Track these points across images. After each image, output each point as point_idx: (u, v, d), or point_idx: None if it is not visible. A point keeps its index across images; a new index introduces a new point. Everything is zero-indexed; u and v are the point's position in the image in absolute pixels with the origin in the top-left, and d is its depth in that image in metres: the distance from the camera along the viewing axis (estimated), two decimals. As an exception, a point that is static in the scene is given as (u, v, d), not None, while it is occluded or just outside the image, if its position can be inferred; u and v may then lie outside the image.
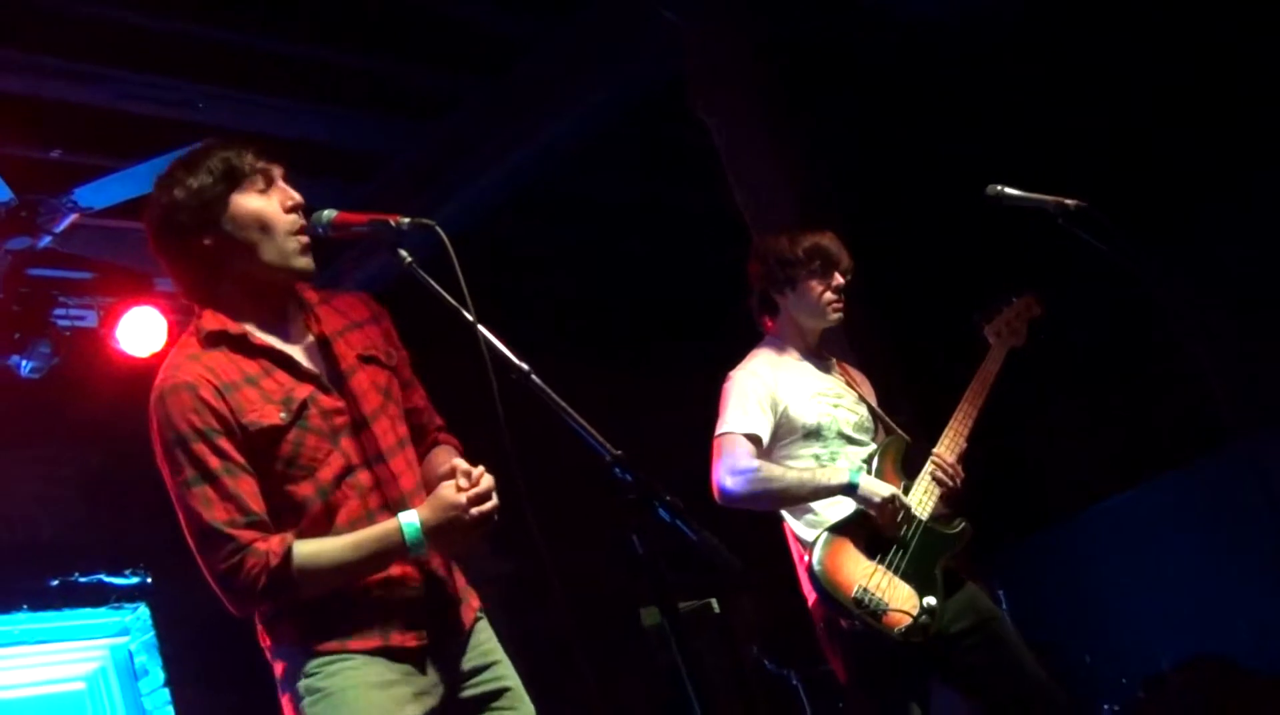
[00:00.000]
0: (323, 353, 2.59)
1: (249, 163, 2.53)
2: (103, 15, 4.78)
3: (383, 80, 5.71)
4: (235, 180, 2.51)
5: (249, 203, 2.51)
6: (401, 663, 2.48)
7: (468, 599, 2.65)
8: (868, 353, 4.50)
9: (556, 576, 2.30)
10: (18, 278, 5.25)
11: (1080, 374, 6.99)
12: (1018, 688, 3.49)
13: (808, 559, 3.50)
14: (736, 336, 3.99)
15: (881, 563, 3.47)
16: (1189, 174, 6.34)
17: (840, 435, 3.69)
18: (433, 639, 2.52)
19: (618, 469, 2.22)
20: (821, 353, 3.88)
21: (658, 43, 5.43)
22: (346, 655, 2.45)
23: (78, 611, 6.25)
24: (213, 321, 2.53)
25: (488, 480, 2.45)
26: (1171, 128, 6.30)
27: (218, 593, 2.42)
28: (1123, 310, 6.17)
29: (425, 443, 2.75)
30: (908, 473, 3.68)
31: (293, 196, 2.56)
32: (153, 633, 6.38)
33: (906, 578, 3.46)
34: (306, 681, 2.44)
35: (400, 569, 2.49)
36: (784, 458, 3.65)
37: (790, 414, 3.65)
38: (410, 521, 2.41)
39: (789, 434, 3.66)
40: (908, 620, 3.37)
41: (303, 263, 2.54)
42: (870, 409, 3.85)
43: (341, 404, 2.54)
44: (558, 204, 6.87)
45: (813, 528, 3.57)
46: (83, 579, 6.25)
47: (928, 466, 3.64)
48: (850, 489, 3.52)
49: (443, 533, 2.42)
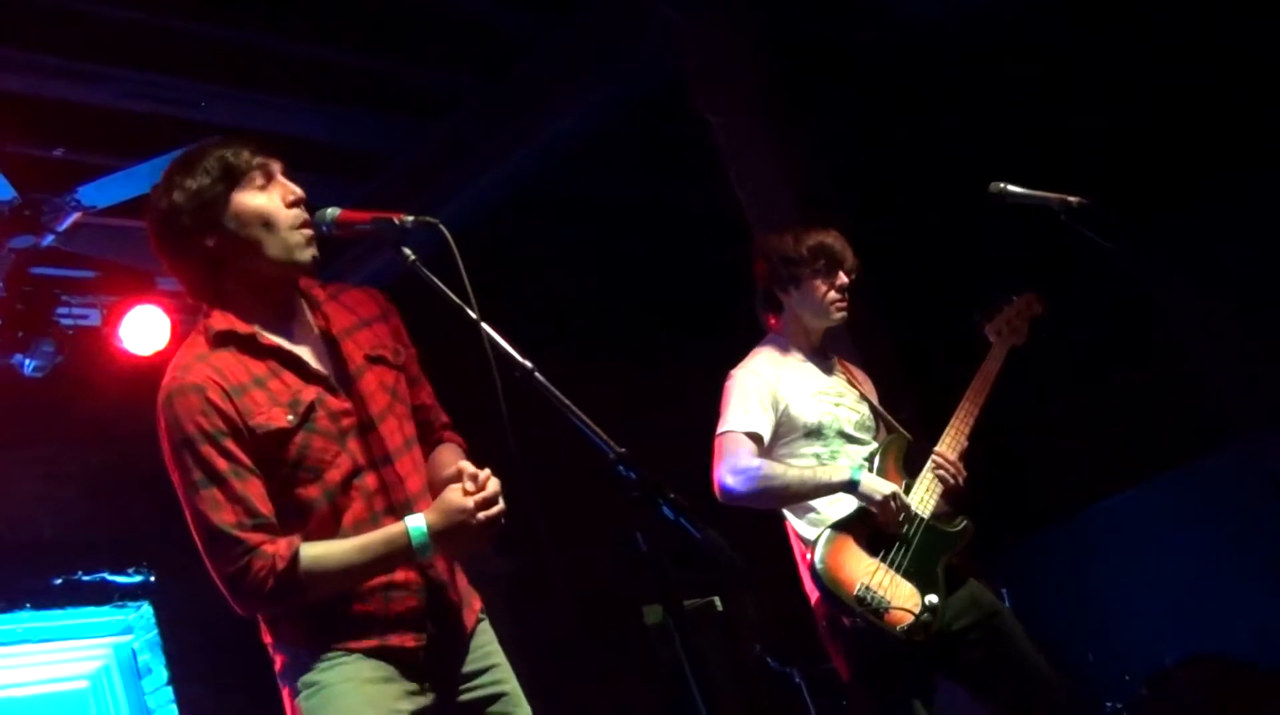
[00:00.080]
0: (330, 352, 2.58)
1: (246, 160, 2.51)
2: (104, 14, 4.78)
3: (383, 79, 5.70)
4: (234, 178, 2.50)
5: (251, 200, 2.50)
6: (398, 662, 2.48)
7: (469, 602, 2.65)
8: (869, 351, 4.50)
9: (560, 574, 2.30)
10: (21, 276, 5.25)
11: (1081, 373, 6.99)
12: (1023, 682, 3.49)
13: (810, 557, 3.50)
14: (737, 335, 3.99)
15: (883, 561, 3.48)
16: (1189, 174, 6.33)
17: (841, 434, 3.70)
18: (433, 641, 2.52)
19: (621, 466, 2.21)
20: (824, 351, 3.88)
21: (658, 42, 5.43)
22: (345, 653, 2.46)
23: (81, 610, 6.25)
24: (221, 321, 2.51)
25: (494, 484, 2.44)
26: (1171, 128, 6.29)
27: (225, 594, 2.42)
28: (1124, 309, 6.17)
29: (430, 440, 2.74)
30: (909, 471, 3.68)
31: (294, 191, 2.54)
32: (156, 631, 6.38)
33: (908, 576, 3.47)
34: (304, 676, 2.45)
35: (403, 573, 2.49)
36: (785, 456, 3.66)
37: (791, 412, 3.66)
38: (417, 526, 2.41)
39: (790, 432, 3.67)
40: (910, 618, 3.38)
41: (308, 256, 2.52)
42: (872, 407, 3.85)
43: (349, 405, 2.53)
44: (558, 203, 6.85)
45: (815, 526, 3.58)
46: (86, 577, 6.25)
47: (929, 465, 3.64)
48: (852, 486, 3.52)
49: (449, 537, 2.42)
